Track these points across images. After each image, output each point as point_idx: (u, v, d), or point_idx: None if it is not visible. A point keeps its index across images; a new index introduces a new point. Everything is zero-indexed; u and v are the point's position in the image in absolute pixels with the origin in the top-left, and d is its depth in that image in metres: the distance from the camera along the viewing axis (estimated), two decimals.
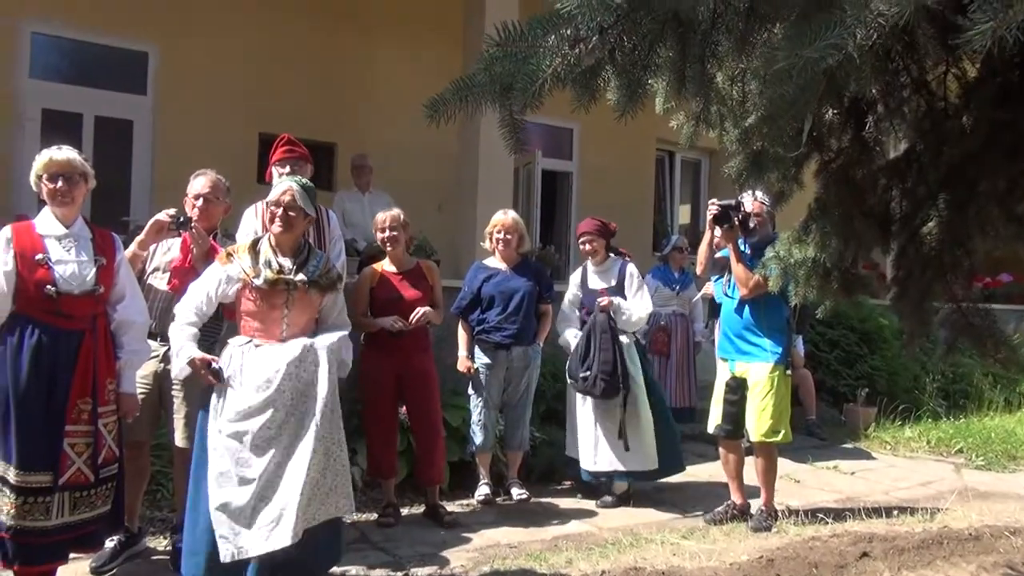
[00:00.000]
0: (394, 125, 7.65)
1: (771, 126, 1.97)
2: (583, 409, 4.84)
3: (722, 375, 4.62)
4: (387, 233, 4.37)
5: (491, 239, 4.84)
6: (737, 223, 4.39)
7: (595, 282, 5.03)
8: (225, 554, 2.90)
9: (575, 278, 5.16)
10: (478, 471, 4.82)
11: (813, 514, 4.56)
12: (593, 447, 4.79)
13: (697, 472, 5.73)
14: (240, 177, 5.05)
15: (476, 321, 4.76)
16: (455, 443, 4.83)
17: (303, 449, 2.97)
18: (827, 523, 4.44)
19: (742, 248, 4.47)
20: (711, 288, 5.35)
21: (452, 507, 4.60)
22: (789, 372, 4.52)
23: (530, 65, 1.66)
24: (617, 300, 4.84)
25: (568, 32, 1.66)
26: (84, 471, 3.03)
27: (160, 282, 3.59)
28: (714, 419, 4.59)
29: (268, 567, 2.91)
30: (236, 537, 2.91)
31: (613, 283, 4.97)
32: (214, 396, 3.06)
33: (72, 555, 3.19)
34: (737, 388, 4.48)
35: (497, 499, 4.80)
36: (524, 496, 4.74)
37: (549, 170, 9.33)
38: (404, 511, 4.48)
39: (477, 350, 4.76)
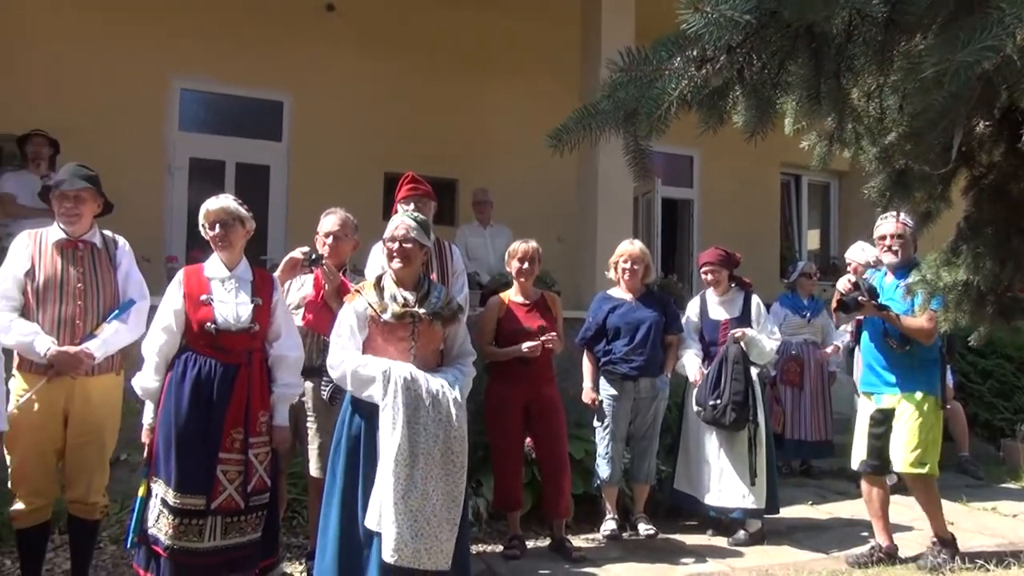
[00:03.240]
0: (513, 160, 7.80)
1: (916, 142, 1.84)
2: (709, 442, 4.69)
3: (865, 408, 4.35)
4: (524, 265, 4.40)
5: (616, 269, 4.78)
6: (862, 302, 4.11)
7: (717, 312, 4.89)
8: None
9: (693, 306, 5.03)
10: (603, 505, 4.73)
11: (971, 559, 4.19)
12: (718, 480, 4.64)
13: (836, 510, 5.40)
14: (368, 215, 5.25)
15: (602, 352, 4.70)
16: (578, 476, 4.75)
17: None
18: (988, 570, 4.07)
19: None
20: None
21: (577, 541, 4.52)
22: (944, 407, 4.20)
23: (655, 89, 1.61)
24: (751, 332, 4.69)
25: (694, 53, 1.61)
26: (235, 497, 3.21)
27: (295, 317, 3.74)
28: (858, 454, 4.32)
29: None
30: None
31: (738, 314, 4.82)
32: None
33: None
34: (883, 420, 4.21)
35: (623, 534, 4.68)
36: (652, 532, 4.61)
37: (669, 198, 9.19)
38: (529, 544, 4.44)
39: (603, 381, 4.68)
